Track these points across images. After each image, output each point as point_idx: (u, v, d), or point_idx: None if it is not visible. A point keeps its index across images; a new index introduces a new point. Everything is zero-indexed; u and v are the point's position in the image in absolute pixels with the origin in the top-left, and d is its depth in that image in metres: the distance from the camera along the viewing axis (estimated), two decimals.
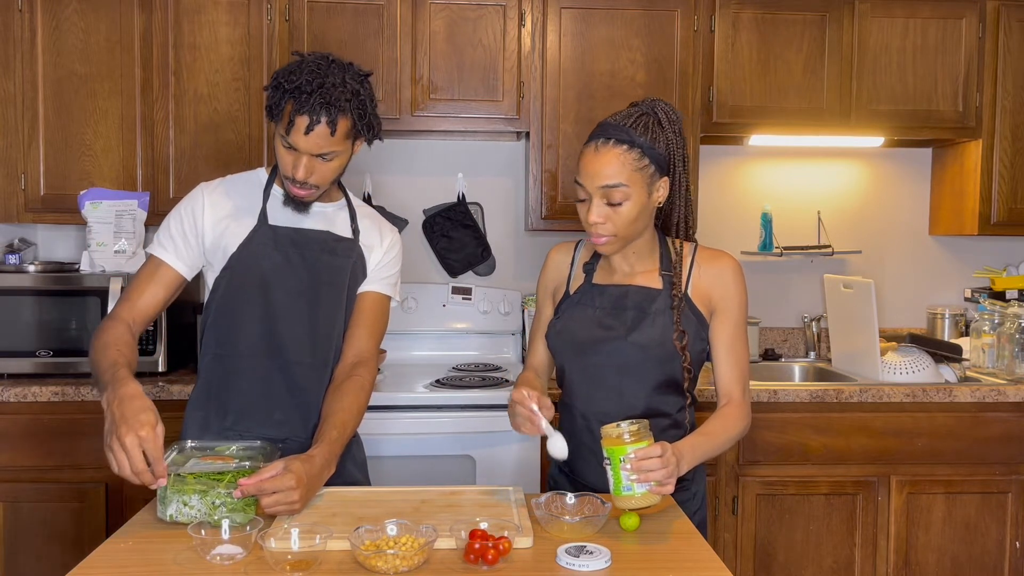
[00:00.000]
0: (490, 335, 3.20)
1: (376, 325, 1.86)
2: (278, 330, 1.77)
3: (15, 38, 2.79)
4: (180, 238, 1.78)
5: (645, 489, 1.44)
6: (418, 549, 1.32)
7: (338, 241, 1.82)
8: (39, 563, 2.56)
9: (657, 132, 1.61)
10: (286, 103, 1.64)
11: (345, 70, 1.68)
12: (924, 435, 2.70)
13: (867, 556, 2.71)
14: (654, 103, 1.64)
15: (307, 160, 1.68)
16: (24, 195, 2.82)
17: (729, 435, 1.65)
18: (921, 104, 3.03)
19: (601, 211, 1.60)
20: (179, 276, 1.78)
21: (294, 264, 1.77)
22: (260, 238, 1.77)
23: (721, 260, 1.71)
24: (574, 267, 1.79)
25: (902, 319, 3.44)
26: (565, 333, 1.73)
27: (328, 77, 1.64)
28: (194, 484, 1.46)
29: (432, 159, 3.28)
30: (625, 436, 1.46)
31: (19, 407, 2.54)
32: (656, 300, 1.67)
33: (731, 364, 1.69)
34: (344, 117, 1.65)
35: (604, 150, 1.59)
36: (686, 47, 2.94)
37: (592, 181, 1.59)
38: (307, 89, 1.62)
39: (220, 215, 1.79)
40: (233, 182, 1.85)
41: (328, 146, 1.67)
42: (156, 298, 1.77)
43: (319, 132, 1.64)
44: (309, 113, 1.62)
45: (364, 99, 1.69)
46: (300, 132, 1.64)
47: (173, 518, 1.47)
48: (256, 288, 1.76)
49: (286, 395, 1.78)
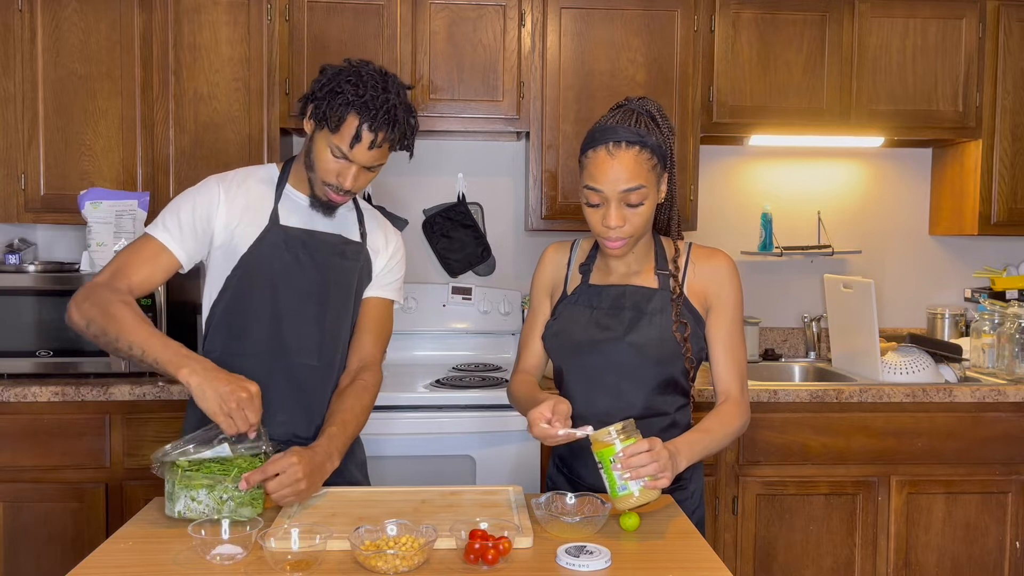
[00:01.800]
0: (490, 335, 3.20)
1: (381, 330, 1.87)
2: (284, 331, 1.76)
3: (15, 38, 2.79)
4: (189, 228, 1.73)
5: (640, 486, 1.44)
6: (418, 549, 1.32)
7: (347, 244, 1.82)
8: (39, 563, 2.56)
9: (655, 130, 1.62)
10: (349, 115, 1.63)
11: (399, 85, 1.70)
12: (924, 435, 2.70)
13: (867, 556, 2.71)
14: (643, 101, 1.64)
15: (356, 170, 1.69)
16: (24, 195, 2.83)
17: (727, 431, 1.65)
18: (921, 104, 3.03)
19: (620, 214, 1.60)
20: (178, 265, 1.74)
21: (304, 265, 1.77)
22: (272, 239, 1.76)
23: (716, 257, 1.72)
24: (571, 267, 1.79)
25: (902, 319, 3.44)
26: (562, 335, 1.73)
27: (390, 93, 1.66)
28: (201, 479, 1.46)
29: (432, 159, 3.28)
30: (612, 436, 1.46)
31: (19, 407, 2.54)
32: (652, 299, 1.68)
33: (729, 361, 1.69)
34: (393, 134, 1.68)
35: (619, 153, 1.58)
36: (686, 47, 2.94)
37: (612, 186, 1.58)
38: (374, 105, 1.63)
39: (233, 214, 1.75)
40: (246, 178, 1.80)
41: (381, 158, 1.70)
42: (151, 282, 1.70)
43: (376, 147, 1.66)
44: (378, 130, 1.64)
45: (412, 117, 1.73)
46: (364, 146, 1.65)
47: (182, 514, 1.47)
48: (265, 289, 1.75)
49: (290, 396, 1.77)
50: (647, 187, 1.60)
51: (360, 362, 1.82)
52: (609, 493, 1.48)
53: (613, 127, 1.60)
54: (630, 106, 1.64)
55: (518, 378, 1.80)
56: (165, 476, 1.49)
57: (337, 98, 1.64)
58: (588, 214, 1.64)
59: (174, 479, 1.47)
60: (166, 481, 1.49)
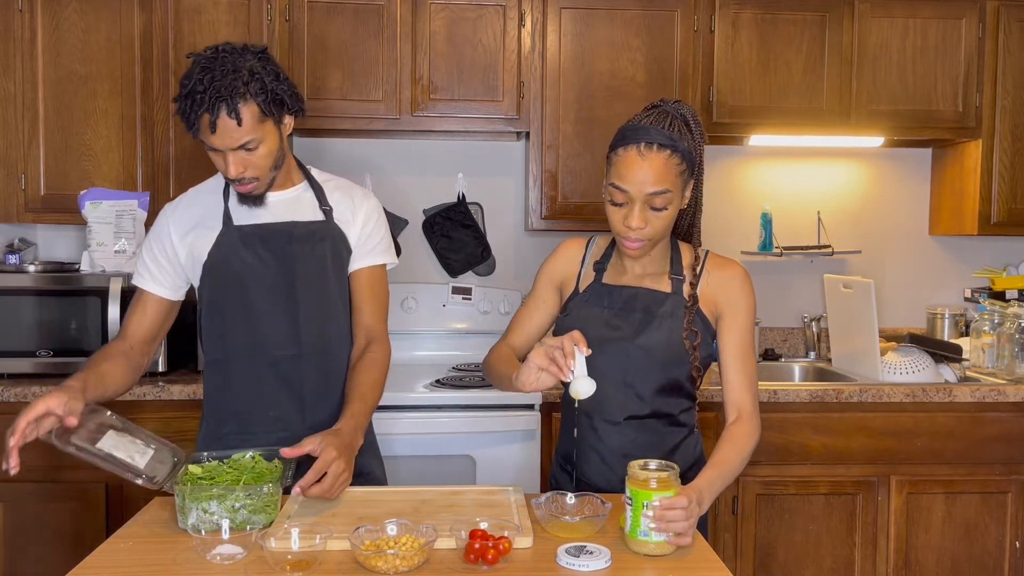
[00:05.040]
0: (490, 335, 3.19)
1: (377, 299, 1.86)
2: (261, 328, 1.77)
3: (15, 38, 2.79)
4: (154, 264, 1.81)
5: (663, 539, 1.39)
6: (418, 549, 1.32)
7: (307, 227, 1.79)
8: (39, 563, 2.56)
9: (687, 135, 1.60)
10: (188, 108, 1.61)
11: (237, 54, 1.63)
12: (924, 435, 2.70)
13: (867, 556, 2.71)
14: (678, 105, 1.62)
15: (231, 156, 1.65)
16: (24, 195, 2.82)
17: (743, 457, 1.62)
18: (921, 104, 3.03)
19: (643, 216, 1.59)
20: (164, 300, 1.82)
21: (265, 260, 1.76)
22: (227, 240, 1.77)
23: (731, 267, 1.71)
24: (585, 264, 1.78)
25: (902, 319, 3.44)
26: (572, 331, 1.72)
27: (216, 70, 1.60)
28: (211, 491, 1.45)
29: (432, 159, 3.28)
30: (652, 483, 1.40)
31: (19, 407, 2.52)
32: (664, 303, 1.67)
33: (741, 373, 1.67)
34: (245, 103, 1.61)
35: (650, 155, 1.56)
36: (686, 47, 2.94)
37: (639, 188, 1.56)
38: (199, 88, 1.59)
39: (185, 229, 1.79)
40: (195, 193, 1.85)
41: (243, 136, 1.63)
42: (144, 324, 1.81)
43: (226, 126, 1.61)
44: (208, 111, 1.59)
45: (263, 77, 1.63)
46: (208, 132, 1.62)
47: (195, 527, 1.44)
48: (234, 291, 1.77)
49: (278, 391, 1.78)
50: (673, 192, 1.58)
51: (366, 336, 1.83)
52: (627, 529, 1.42)
53: (646, 128, 1.58)
54: (665, 108, 1.62)
55: (501, 346, 1.78)
56: (175, 491, 1.47)
57: (177, 98, 1.63)
58: (610, 212, 1.62)
59: (184, 492, 1.45)
60: (176, 495, 1.47)
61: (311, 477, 1.48)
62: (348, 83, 2.87)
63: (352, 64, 2.86)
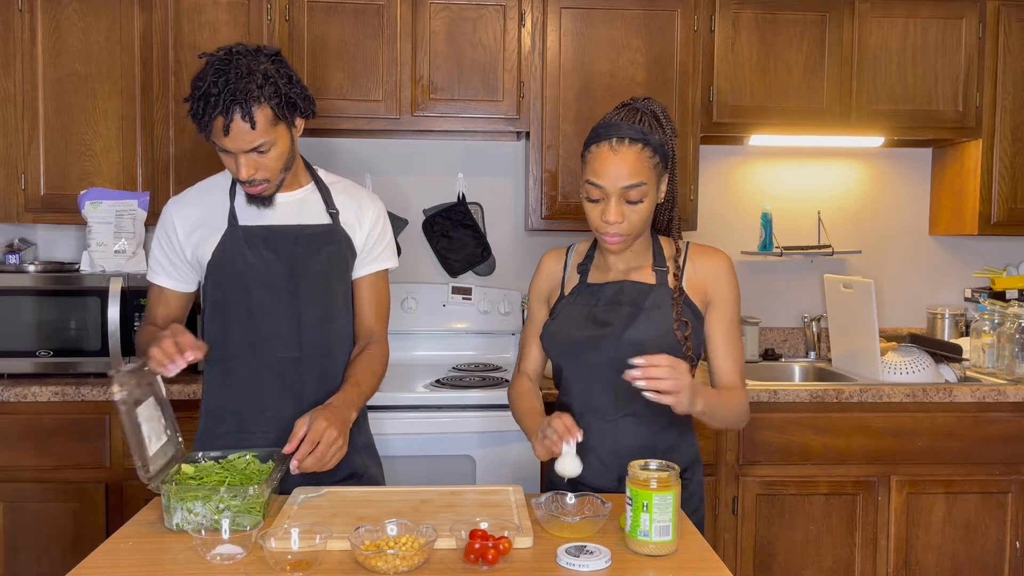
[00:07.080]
0: (490, 335, 3.20)
1: (379, 303, 1.89)
2: (262, 328, 1.77)
3: (15, 38, 2.79)
4: (165, 260, 1.82)
5: (660, 540, 1.39)
6: (418, 549, 1.32)
7: (313, 230, 1.80)
8: (39, 563, 2.56)
9: (657, 129, 1.64)
10: (201, 110, 1.61)
11: (251, 57, 1.63)
12: (924, 435, 2.70)
13: (867, 556, 2.71)
14: (648, 101, 1.67)
15: (243, 158, 1.65)
16: (24, 195, 2.82)
17: (731, 404, 1.67)
18: (921, 104, 3.03)
19: (619, 210, 1.62)
20: (181, 294, 1.85)
21: (269, 261, 1.77)
22: (232, 240, 1.77)
23: (714, 255, 1.74)
24: (567, 271, 1.80)
25: (902, 319, 3.44)
26: (560, 333, 1.73)
27: (230, 72, 1.60)
28: (196, 491, 1.46)
29: (432, 159, 3.28)
30: (652, 483, 1.40)
31: (19, 407, 2.54)
32: (650, 295, 1.69)
33: (729, 356, 1.71)
34: (259, 106, 1.61)
35: (622, 149, 1.60)
36: (686, 47, 2.94)
37: (613, 181, 1.60)
38: (213, 91, 1.59)
39: (191, 227, 1.80)
40: (198, 190, 1.85)
41: (256, 139, 1.63)
42: (171, 316, 1.84)
43: (239, 129, 1.61)
44: (221, 114, 1.59)
45: (276, 80, 1.63)
46: (221, 134, 1.62)
47: (180, 527, 1.45)
48: (237, 289, 1.77)
49: (276, 391, 1.79)
50: (647, 185, 1.62)
51: (366, 338, 1.87)
52: (627, 529, 1.43)
53: (617, 124, 1.62)
54: (635, 105, 1.66)
55: (518, 381, 1.85)
56: (161, 490, 1.48)
57: (190, 99, 1.64)
58: (588, 209, 1.66)
59: (169, 492, 1.46)
60: (162, 495, 1.48)
61: (305, 449, 1.50)
62: (348, 83, 2.87)
63: (352, 64, 2.86)
